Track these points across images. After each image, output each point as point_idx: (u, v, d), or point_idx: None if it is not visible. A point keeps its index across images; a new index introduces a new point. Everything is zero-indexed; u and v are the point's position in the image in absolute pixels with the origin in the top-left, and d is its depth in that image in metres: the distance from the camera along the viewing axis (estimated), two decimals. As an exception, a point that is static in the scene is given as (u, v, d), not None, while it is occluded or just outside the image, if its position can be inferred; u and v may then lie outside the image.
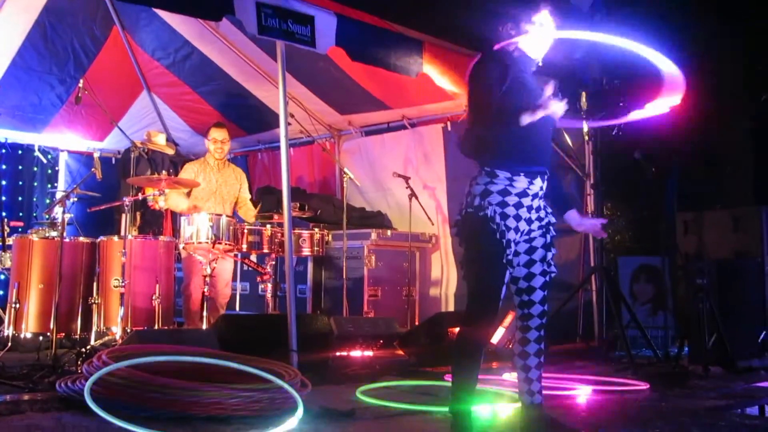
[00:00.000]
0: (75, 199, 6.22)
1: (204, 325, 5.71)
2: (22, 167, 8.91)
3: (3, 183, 8.62)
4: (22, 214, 8.70)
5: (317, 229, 6.55)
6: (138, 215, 7.75)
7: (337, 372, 5.06)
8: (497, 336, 5.75)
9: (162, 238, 6.19)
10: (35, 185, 9.04)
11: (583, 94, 6.62)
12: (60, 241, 5.40)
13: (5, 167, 8.59)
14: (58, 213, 5.92)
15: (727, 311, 5.83)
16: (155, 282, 5.82)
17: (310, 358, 4.76)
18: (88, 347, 5.07)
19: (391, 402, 4.01)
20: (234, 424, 3.40)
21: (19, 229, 7.18)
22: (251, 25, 4.56)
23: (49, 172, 9.14)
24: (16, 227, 7.17)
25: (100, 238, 6.11)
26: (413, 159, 8.22)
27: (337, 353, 5.41)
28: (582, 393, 4.43)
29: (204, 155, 6.64)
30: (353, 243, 7.31)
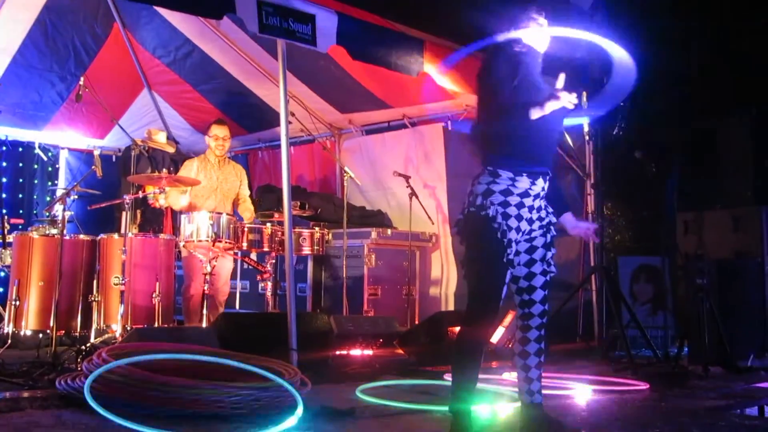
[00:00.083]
0: (75, 197, 6.24)
1: (204, 324, 5.72)
2: (22, 165, 8.92)
3: (3, 180, 8.62)
4: (22, 211, 8.71)
5: (317, 228, 6.55)
6: (138, 213, 7.73)
7: (337, 371, 5.07)
8: (497, 335, 5.75)
9: (162, 236, 6.18)
10: (36, 183, 9.04)
11: (584, 94, 6.61)
12: (60, 239, 5.40)
13: (6, 165, 8.59)
14: (58, 210, 5.92)
15: (727, 311, 5.83)
16: (155, 280, 5.82)
17: (310, 357, 4.76)
18: (88, 345, 5.08)
19: (390, 401, 4.02)
20: (234, 423, 3.40)
21: (20, 226, 7.19)
22: (252, 24, 4.56)
23: (50, 169, 9.14)
24: (17, 224, 7.17)
25: (101, 236, 6.10)
26: (414, 158, 8.22)
27: (337, 352, 5.41)
28: (581, 393, 4.44)
29: (204, 152, 6.64)
30: (353, 242, 7.31)
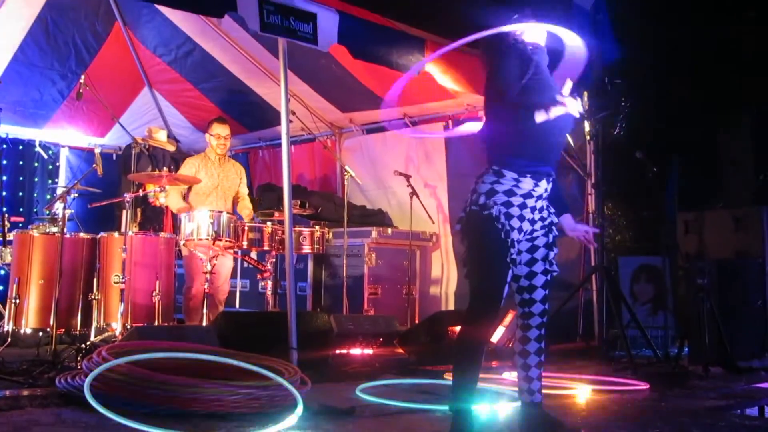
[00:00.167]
0: (76, 195, 6.23)
1: (204, 322, 5.72)
2: (23, 163, 8.91)
3: (4, 178, 8.60)
4: (22, 209, 8.70)
5: (318, 227, 6.55)
6: (138, 211, 7.74)
7: (337, 370, 5.06)
8: (497, 335, 5.75)
9: (162, 235, 6.18)
10: (36, 181, 9.03)
11: (585, 93, 6.61)
12: (60, 237, 5.41)
13: (6, 162, 8.58)
14: (58, 209, 5.92)
15: (727, 312, 5.82)
16: (155, 278, 5.82)
17: (309, 356, 4.76)
18: (88, 343, 5.08)
19: (390, 400, 4.01)
20: (234, 421, 3.40)
21: (20, 224, 7.19)
22: (253, 22, 4.55)
23: (50, 167, 9.13)
24: (17, 223, 7.17)
25: (101, 234, 6.10)
26: (414, 157, 8.22)
27: (337, 351, 5.41)
28: (582, 392, 4.43)
29: (204, 151, 6.63)
30: (354, 241, 7.31)
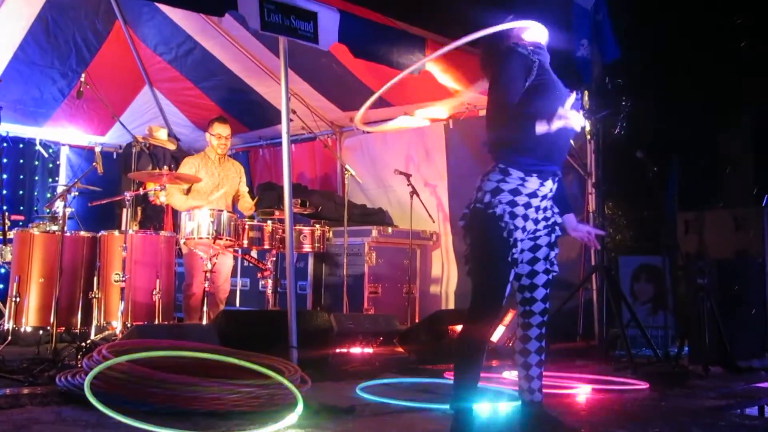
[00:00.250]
0: (76, 194, 6.23)
1: (204, 321, 5.72)
2: (23, 161, 8.91)
3: (4, 177, 8.61)
4: (23, 208, 8.70)
5: (318, 226, 6.55)
6: (139, 210, 7.74)
7: (337, 368, 5.06)
8: (497, 334, 5.75)
9: (163, 233, 6.18)
10: (36, 179, 9.03)
11: (585, 93, 6.61)
12: (61, 235, 5.40)
13: (6, 161, 8.58)
14: (59, 207, 5.92)
15: (727, 311, 5.82)
16: (156, 277, 5.82)
17: (310, 355, 4.76)
18: (89, 341, 5.08)
19: (390, 399, 4.01)
20: (234, 420, 3.40)
21: (20, 222, 7.19)
22: (254, 21, 4.55)
23: (51, 166, 9.13)
24: (17, 221, 7.17)
25: (101, 233, 6.11)
26: (415, 156, 8.22)
27: (337, 350, 5.41)
28: (582, 392, 4.44)
29: (204, 150, 6.63)
30: (354, 240, 7.31)
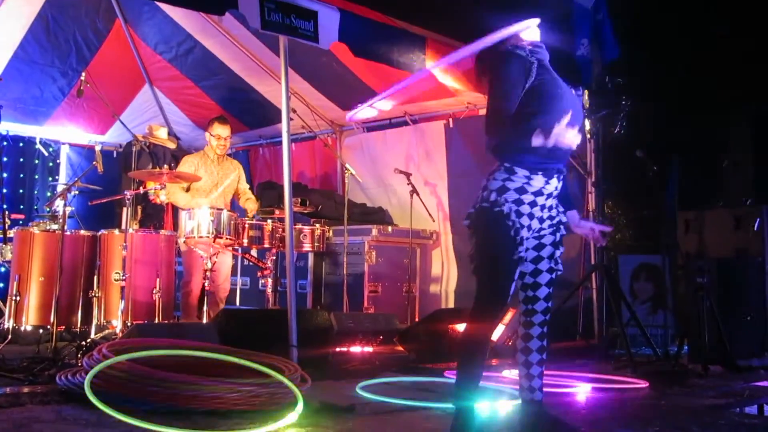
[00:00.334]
0: (76, 192, 6.23)
1: (204, 320, 5.73)
2: (23, 160, 8.91)
3: (4, 175, 8.60)
4: (23, 206, 8.70)
5: (318, 225, 6.55)
6: (139, 209, 7.75)
7: (337, 367, 5.07)
8: (497, 333, 5.75)
9: (163, 232, 6.19)
10: (36, 178, 9.03)
11: (585, 92, 6.61)
12: (61, 234, 5.40)
13: (6, 160, 8.58)
14: (59, 206, 5.91)
15: (727, 310, 5.83)
16: (156, 276, 5.82)
17: (310, 354, 4.76)
18: (89, 340, 5.08)
19: (390, 398, 4.02)
20: (234, 419, 3.40)
21: (20, 221, 7.19)
22: (254, 20, 4.55)
23: (51, 164, 9.13)
24: (17, 220, 7.18)
25: (101, 232, 6.11)
26: (415, 155, 8.22)
27: (337, 349, 5.41)
28: (581, 391, 4.44)
29: (203, 148, 6.63)
30: (354, 239, 7.31)
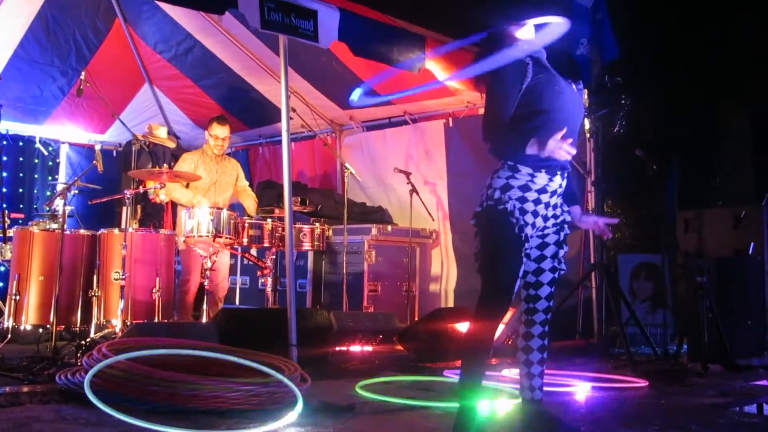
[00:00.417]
0: (76, 192, 6.23)
1: (204, 319, 5.73)
2: (23, 159, 8.90)
3: (4, 174, 8.60)
4: (22, 205, 8.69)
5: (318, 224, 6.56)
6: (139, 208, 7.74)
7: (337, 367, 5.07)
8: (496, 332, 5.75)
9: (162, 231, 6.18)
10: (36, 177, 9.02)
11: (585, 91, 6.61)
12: (60, 234, 5.40)
13: (6, 159, 8.57)
14: (58, 205, 5.91)
15: (726, 309, 5.83)
16: (155, 275, 5.81)
17: (309, 353, 4.76)
18: (88, 340, 5.08)
19: (390, 397, 4.02)
20: (233, 418, 3.41)
21: (20, 220, 7.19)
22: (254, 19, 4.55)
23: (50, 164, 9.13)
24: (17, 219, 7.17)
25: (101, 231, 6.10)
26: (414, 155, 8.23)
27: (337, 348, 5.42)
28: (581, 390, 4.44)
29: (202, 146, 6.64)
30: (353, 238, 7.31)
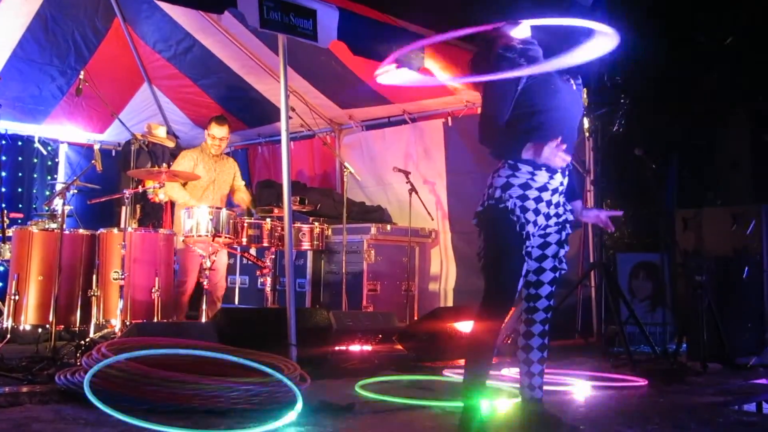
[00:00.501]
0: (75, 191, 6.23)
1: (203, 319, 5.73)
2: (22, 159, 8.90)
3: (3, 174, 8.60)
4: (21, 205, 8.69)
5: (317, 223, 6.56)
6: (138, 208, 7.74)
7: (337, 366, 5.07)
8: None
9: (162, 231, 6.18)
10: (35, 177, 9.02)
11: (584, 90, 6.61)
12: (60, 233, 5.40)
13: (5, 158, 8.57)
14: (57, 205, 5.91)
15: (725, 308, 5.83)
16: (155, 275, 5.81)
17: (309, 352, 4.76)
18: (88, 339, 5.08)
19: (389, 396, 4.02)
20: (233, 418, 3.41)
21: (19, 220, 7.18)
22: (253, 19, 4.55)
23: (49, 163, 9.13)
24: (16, 219, 7.16)
25: (100, 231, 6.10)
26: (413, 154, 8.23)
27: (336, 347, 5.41)
28: (580, 389, 4.45)
29: (201, 145, 6.65)
30: (353, 237, 7.32)
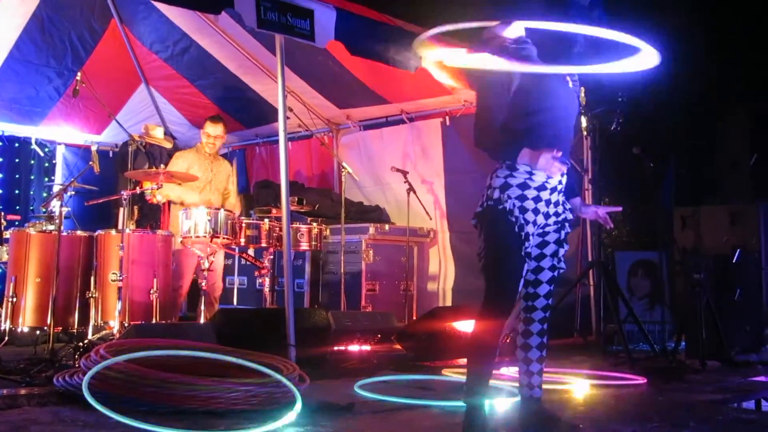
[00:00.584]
0: (72, 193, 6.18)
1: (201, 320, 5.72)
2: (19, 160, 8.89)
3: (0, 176, 8.60)
4: (19, 207, 8.68)
5: (315, 224, 6.56)
6: (136, 209, 7.72)
7: (335, 366, 5.07)
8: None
9: (160, 232, 6.17)
10: (32, 178, 9.01)
11: (582, 89, 6.60)
12: (57, 235, 5.38)
13: (2, 160, 8.57)
14: (55, 206, 5.89)
15: (723, 306, 5.84)
16: (153, 276, 5.80)
17: (308, 353, 4.76)
18: (86, 341, 5.07)
19: (389, 396, 4.02)
20: (232, 419, 3.40)
21: (16, 222, 7.15)
22: (250, 19, 4.55)
23: (47, 165, 9.11)
24: (13, 221, 7.14)
25: (98, 232, 6.09)
26: (411, 154, 8.22)
27: (335, 348, 5.41)
28: (580, 387, 4.45)
29: (196, 145, 6.66)
30: (351, 237, 7.31)
